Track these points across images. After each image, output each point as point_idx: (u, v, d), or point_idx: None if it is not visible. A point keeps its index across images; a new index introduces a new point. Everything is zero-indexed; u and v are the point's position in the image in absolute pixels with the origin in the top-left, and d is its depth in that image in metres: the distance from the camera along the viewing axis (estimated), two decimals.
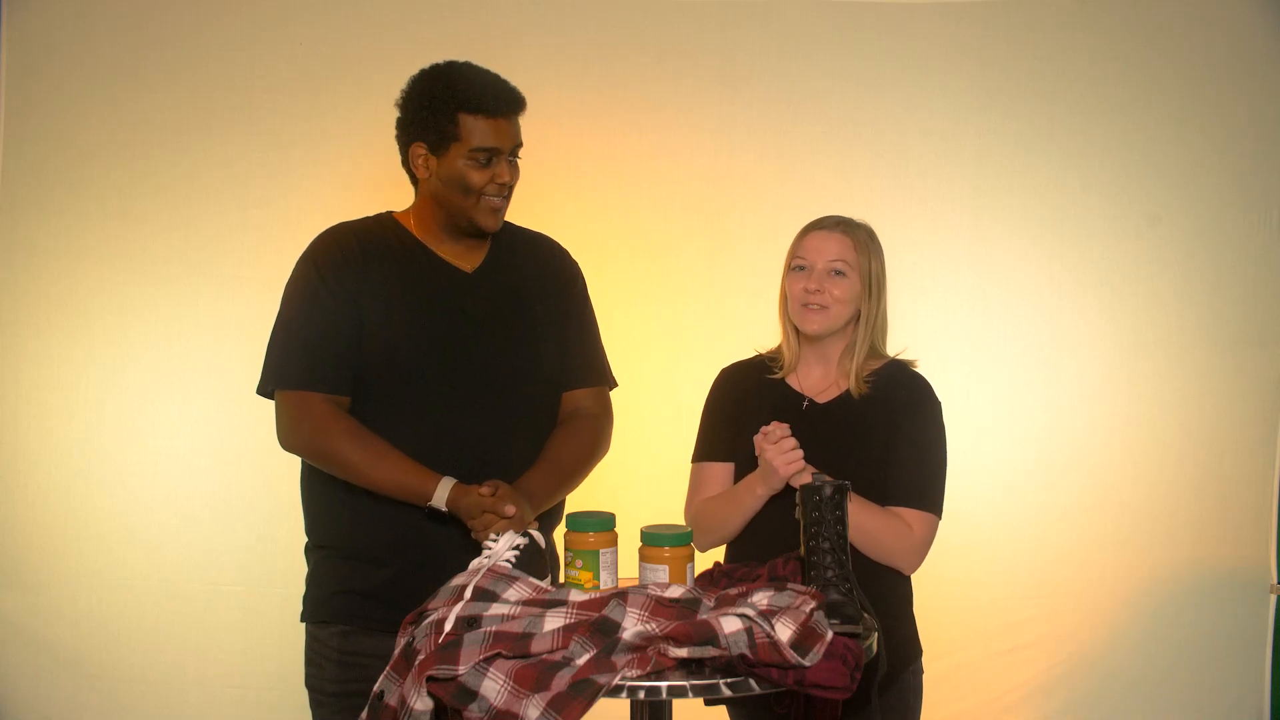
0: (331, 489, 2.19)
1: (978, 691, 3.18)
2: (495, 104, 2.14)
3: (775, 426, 2.13)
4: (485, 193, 2.17)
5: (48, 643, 3.15)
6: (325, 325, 2.16)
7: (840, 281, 2.22)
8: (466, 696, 1.67)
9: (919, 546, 2.19)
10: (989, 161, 3.19)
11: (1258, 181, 3.17)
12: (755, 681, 1.72)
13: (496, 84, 2.18)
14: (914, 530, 2.17)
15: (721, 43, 3.21)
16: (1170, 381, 3.19)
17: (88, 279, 3.16)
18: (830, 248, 2.23)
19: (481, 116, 2.14)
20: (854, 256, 2.23)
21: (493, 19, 3.17)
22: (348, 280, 2.17)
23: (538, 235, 2.38)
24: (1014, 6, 3.19)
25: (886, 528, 2.15)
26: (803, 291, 2.23)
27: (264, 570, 3.11)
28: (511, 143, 2.17)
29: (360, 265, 2.18)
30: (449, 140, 2.15)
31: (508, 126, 2.16)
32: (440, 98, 2.15)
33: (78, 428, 3.16)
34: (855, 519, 2.07)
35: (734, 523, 2.23)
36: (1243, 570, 3.18)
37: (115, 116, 3.15)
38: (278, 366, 2.18)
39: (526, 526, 2.03)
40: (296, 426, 2.16)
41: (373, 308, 2.16)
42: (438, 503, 2.07)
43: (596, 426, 2.29)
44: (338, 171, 3.13)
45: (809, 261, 2.24)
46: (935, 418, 2.24)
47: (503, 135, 2.15)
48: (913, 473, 2.19)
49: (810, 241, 2.25)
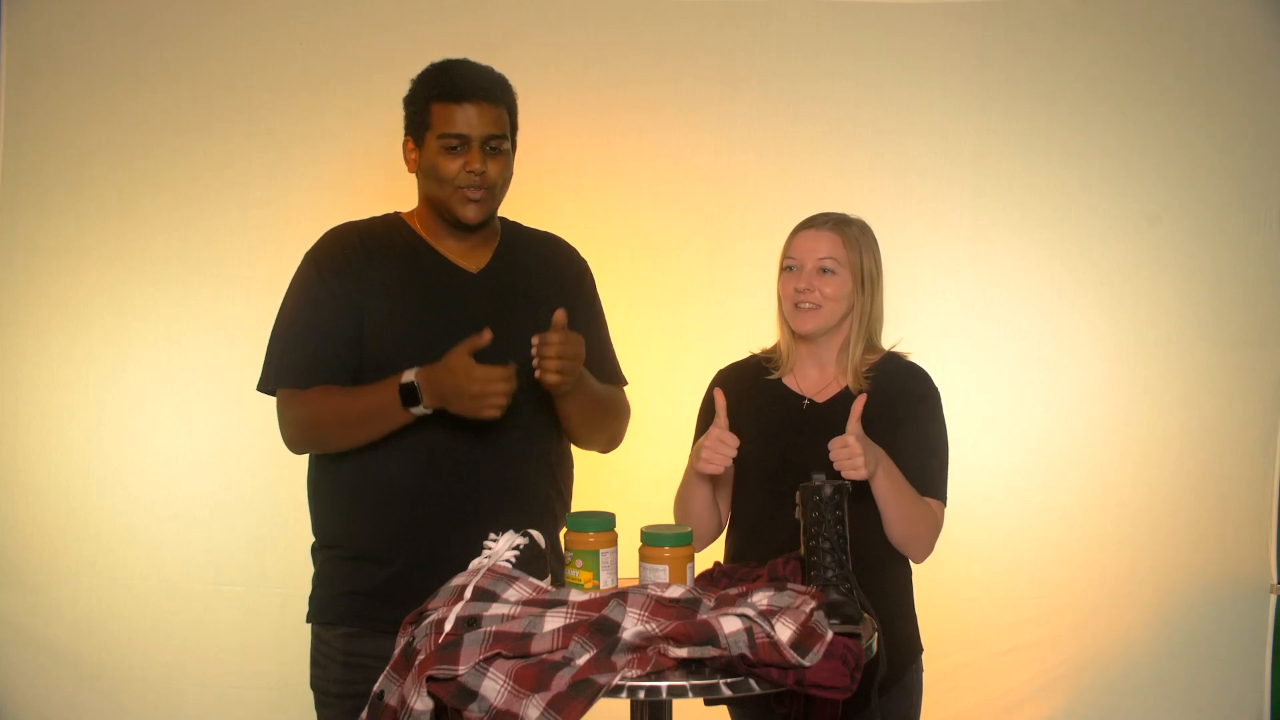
0: (337, 488, 2.20)
1: (978, 691, 3.18)
2: (461, 90, 2.14)
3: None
4: (458, 183, 2.15)
5: (48, 643, 3.15)
6: (325, 325, 2.16)
7: (831, 279, 2.22)
8: (466, 696, 1.67)
9: (937, 533, 2.21)
10: (989, 161, 3.19)
11: (1258, 181, 3.17)
12: (755, 681, 1.72)
13: (471, 72, 2.18)
14: (936, 517, 2.20)
15: (721, 43, 3.21)
16: (1170, 381, 3.19)
17: (88, 279, 3.16)
18: (820, 246, 2.23)
19: (450, 103, 2.14)
20: (844, 253, 2.23)
21: (493, 19, 3.17)
22: (348, 280, 2.17)
23: (546, 235, 2.37)
24: (1014, 6, 3.19)
25: (924, 513, 2.17)
26: (794, 292, 2.23)
27: (264, 570, 3.12)
28: (481, 130, 2.14)
29: (362, 265, 2.18)
30: (424, 130, 2.17)
31: (476, 113, 2.13)
32: (417, 90, 2.19)
33: (78, 428, 3.16)
34: (898, 500, 2.11)
35: (691, 500, 2.25)
36: (1243, 570, 3.18)
37: (115, 116, 3.15)
38: (276, 364, 2.19)
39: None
40: (292, 421, 2.17)
41: (374, 307, 2.16)
42: (406, 378, 2.05)
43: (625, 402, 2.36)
44: (338, 171, 3.13)
45: (798, 261, 2.24)
46: (936, 406, 2.25)
47: (471, 122, 2.13)
48: (921, 463, 2.20)
49: (799, 241, 2.26)
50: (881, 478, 2.10)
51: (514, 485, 2.21)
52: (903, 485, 2.14)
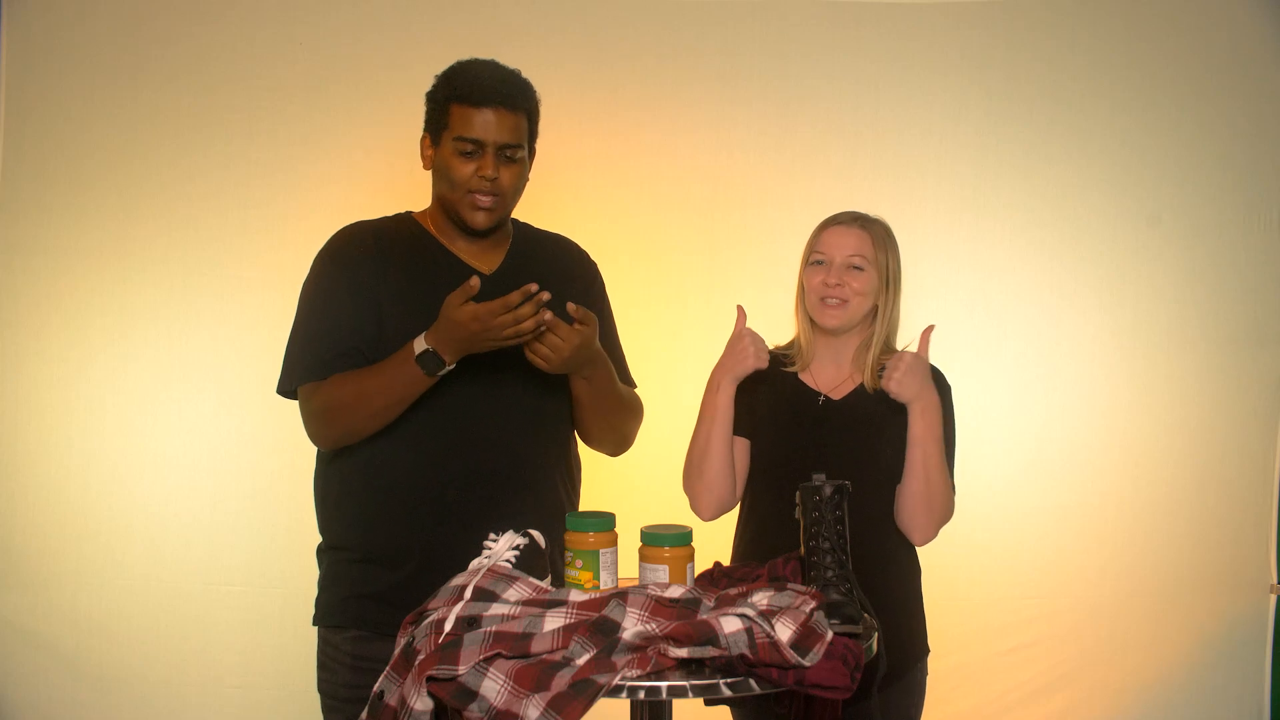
0: (345, 489, 2.18)
1: (978, 691, 3.18)
2: (482, 95, 2.12)
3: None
4: (470, 187, 2.13)
5: (48, 643, 3.15)
6: (342, 318, 2.14)
7: (859, 276, 2.23)
8: (466, 696, 1.67)
9: (946, 519, 2.23)
10: (989, 161, 3.20)
11: (1258, 181, 3.17)
12: (755, 681, 1.72)
13: (493, 76, 2.15)
14: (952, 501, 2.23)
15: (721, 43, 3.21)
16: (1170, 381, 3.19)
17: (88, 279, 3.16)
18: (849, 242, 2.24)
19: (468, 106, 2.12)
20: (872, 251, 2.24)
21: (493, 19, 3.17)
22: (365, 276, 2.15)
23: (558, 237, 2.37)
24: (1014, 6, 3.19)
25: (946, 483, 2.20)
26: (821, 285, 2.24)
27: (265, 570, 3.12)
28: (498, 136, 2.12)
29: (378, 263, 2.17)
30: (441, 129, 2.15)
31: (495, 119, 2.11)
32: (439, 88, 2.18)
33: (78, 428, 3.16)
34: (931, 446, 2.15)
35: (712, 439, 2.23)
36: (1243, 570, 3.19)
37: (115, 116, 3.15)
38: (295, 363, 2.16)
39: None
40: (315, 412, 2.14)
41: (390, 306, 2.15)
42: (419, 345, 2.02)
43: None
44: (338, 171, 3.13)
45: (827, 256, 2.25)
46: (946, 401, 2.27)
47: (488, 127, 2.11)
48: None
49: (829, 236, 2.27)
50: (919, 416, 2.14)
51: (527, 489, 2.20)
52: (935, 439, 2.16)
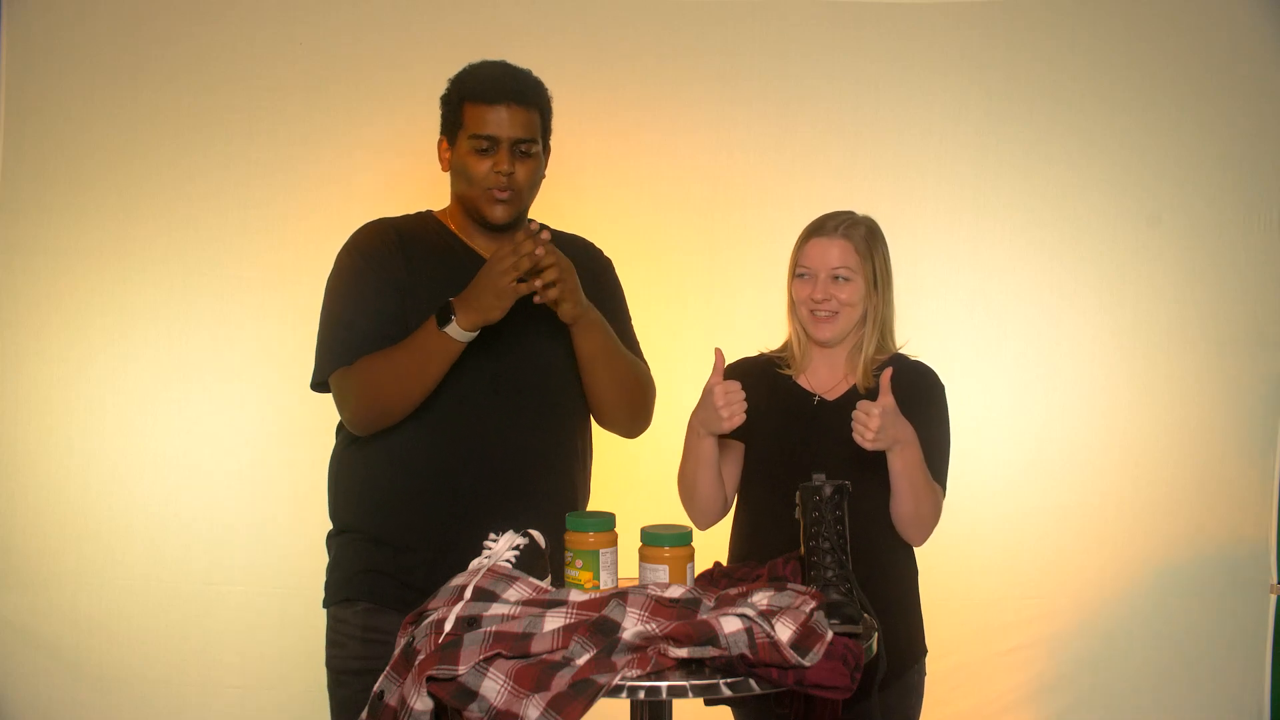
0: (360, 473, 2.21)
1: (978, 691, 3.18)
2: (494, 92, 2.16)
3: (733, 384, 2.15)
4: (487, 183, 2.18)
5: (48, 643, 3.15)
6: (369, 309, 2.17)
7: (845, 286, 2.23)
8: (466, 696, 1.67)
9: (938, 520, 2.22)
10: (989, 161, 3.19)
11: (1258, 181, 3.16)
12: (755, 681, 1.72)
13: (505, 74, 2.21)
14: (940, 504, 2.22)
15: (722, 43, 3.21)
16: (1170, 381, 3.19)
17: (88, 279, 3.16)
18: (832, 255, 2.24)
19: (482, 104, 2.17)
20: (856, 260, 2.24)
21: (493, 19, 3.17)
22: (392, 268, 2.19)
23: (572, 236, 2.39)
24: (1014, 6, 3.19)
25: (934, 493, 2.18)
26: (809, 299, 2.25)
27: (265, 570, 3.12)
28: (511, 132, 2.16)
29: (401, 255, 2.20)
30: (457, 129, 2.20)
31: (508, 115, 2.16)
32: (452, 90, 2.23)
33: (78, 428, 3.16)
34: (910, 481, 2.11)
35: (699, 477, 2.21)
36: (1243, 570, 3.18)
37: (115, 116, 3.15)
38: (326, 352, 2.19)
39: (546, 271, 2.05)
40: (349, 394, 2.16)
41: (413, 298, 2.17)
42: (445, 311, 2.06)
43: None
44: (338, 171, 3.13)
45: (811, 269, 2.25)
46: (940, 402, 2.27)
47: (501, 123, 2.16)
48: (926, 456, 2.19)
49: (811, 249, 2.26)
50: (897, 456, 2.11)
51: (542, 483, 2.22)
52: (916, 466, 2.14)
